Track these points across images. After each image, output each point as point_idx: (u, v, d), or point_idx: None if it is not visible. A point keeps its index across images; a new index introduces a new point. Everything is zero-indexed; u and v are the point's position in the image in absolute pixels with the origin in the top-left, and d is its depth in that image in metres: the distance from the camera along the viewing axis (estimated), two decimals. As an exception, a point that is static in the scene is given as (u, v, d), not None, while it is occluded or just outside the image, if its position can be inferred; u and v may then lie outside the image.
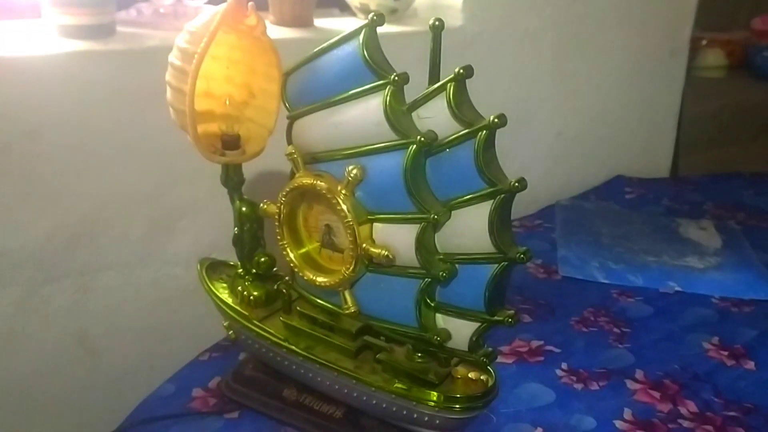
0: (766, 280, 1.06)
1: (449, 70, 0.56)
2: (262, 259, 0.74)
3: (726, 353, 0.87)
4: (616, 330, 0.92)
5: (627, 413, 0.76)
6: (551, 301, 0.99)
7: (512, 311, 0.59)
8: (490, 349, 0.62)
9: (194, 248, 0.92)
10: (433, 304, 0.61)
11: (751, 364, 0.85)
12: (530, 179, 0.56)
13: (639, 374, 0.83)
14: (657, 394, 0.79)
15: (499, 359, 0.84)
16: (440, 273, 0.58)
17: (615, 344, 0.89)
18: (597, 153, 1.45)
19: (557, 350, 0.87)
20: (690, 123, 1.65)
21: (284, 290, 0.71)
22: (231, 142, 0.68)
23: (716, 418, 0.75)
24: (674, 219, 1.30)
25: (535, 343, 0.89)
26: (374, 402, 0.66)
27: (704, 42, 1.99)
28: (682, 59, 1.51)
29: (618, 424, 0.74)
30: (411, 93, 0.58)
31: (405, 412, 0.64)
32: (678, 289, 1.03)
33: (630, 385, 0.81)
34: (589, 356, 0.86)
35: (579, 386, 0.80)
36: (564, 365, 0.84)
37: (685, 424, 0.74)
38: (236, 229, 0.73)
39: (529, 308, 0.97)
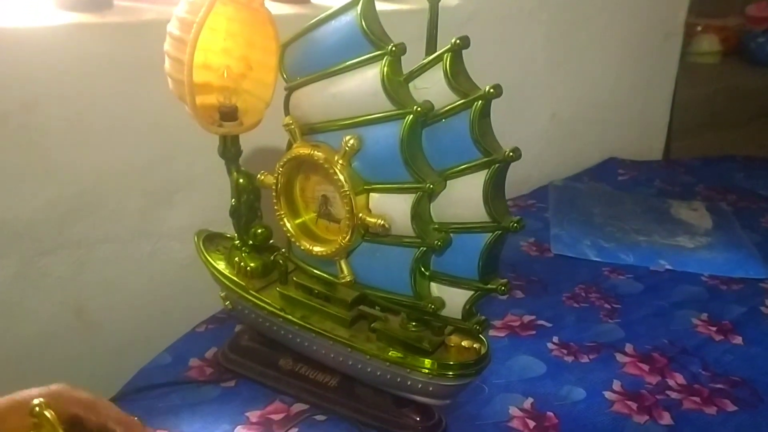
0: (755, 260, 1.07)
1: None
2: (259, 231, 0.74)
3: (714, 329, 0.89)
4: (606, 306, 0.94)
5: (616, 384, 0.77)
6: (543, 278, 1.01)
7: (505, 280, 0.60)
8: (482, 317, 0.63)
9: (191, 222, 0.92)
10: (427, 273, 0.62)
11: (738, 339, 0.87)
12: (524, 160, 0.57)
13: (628, 348, 0.84)
14: (646, 367, 0.81)
15: (492, 333, 0.86)
16: (435, 242, 0.59)
17: (605, 319, 0.91)
18: (591, 135, 1.46)
19: (549, 324, 0.89)
20: (683, 107, 1.67)
21: (281, 261, 0.72)
22: (228, 114, 0.69)
23: (703, 389, 0.77)
24: (666, 200, 1.31)
25: (527, 318, 0.90)
26: (369, 370, 0.67)
27: (699, 28, 2.00)
28: (676, 44, 1.52)
29: (607, 394, 0.76)
30: (408, 68, 0.59)
31: (399, 380, 0.65)
32: (668, 267, 1.05)
33: (619, 358, 0.82)
34: (580, 330, 0.88)
35: (569, 359, 0.82)
36: (555, 339, 0.86)
37: (673, 395, 0.76)
38: (233, 200, 0.73)
39: (522, 284, 0.99)
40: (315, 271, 0.69)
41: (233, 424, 0.69)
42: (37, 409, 0.31)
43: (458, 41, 0.55)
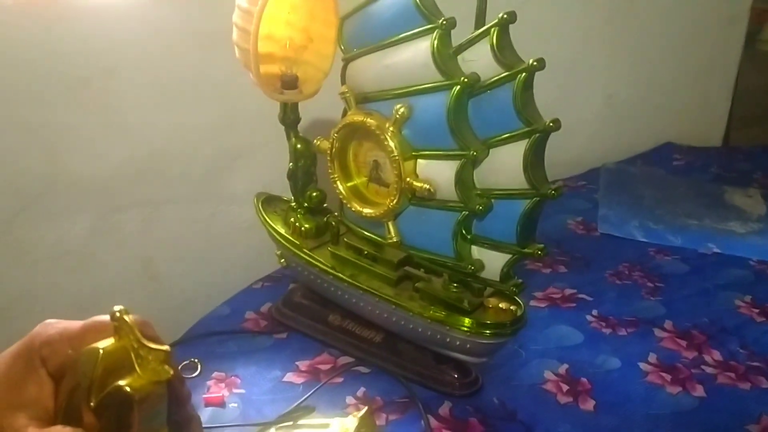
0: (806, 247, 1.06)
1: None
2: (314, 194, 0.79)
3: (757, 311, 0.89)
4: (649, 284, 0.95)
5: (652, 357, 0.79)
6: (588, 255, 1.03)
7: (542, 245, 0.63)
8: (519, 280, 0.66)
9: (250, 187, 0.97)
10: (469, 237, 0.65)
11: (781, 322, 0.87)
12: (577, 141, 0.59)
13: (668, 324, 0.86)
14: (683, 343, 0.82)
15: (533, 303, 0.89)
16: (477, 207, 0.63)
17: (647, 297, 0.92)
18: (647, 118, 1.46)
19: (589, 298, 0.91)
20: (748, 95, 1.64)
21: (333, 223, 0.77)
22: (289, 83, 0.74)
23: (739, 366, 0.78)
24: (721, 186, 1.30)
25: (568, 291, 0.93)
26: (411, 326, 0.71)
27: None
28: (740, 27, 1.49)
29: (642, 365, 0.78)
30: (458, 42, 0.62)
31: (439, 337, 0.69)
32: (716, 250, 1.05)
33: (658, 333, 0.84)
34: (620, 306, 0.90)
35: (607, 331, 0.84)
36: (594, 312, 0.88)
37: (708, 370, 0.78)
38: (291, 164, 0.78)
39: (566, 260, 1.01)
40: (364, 232, 0.73)
41: (284, 371, 0.75)
42: (117, 314, 0.37)
43: (505, 16, 0.58)
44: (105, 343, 0.37)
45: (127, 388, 0.35)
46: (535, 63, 0.57)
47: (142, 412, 0.36)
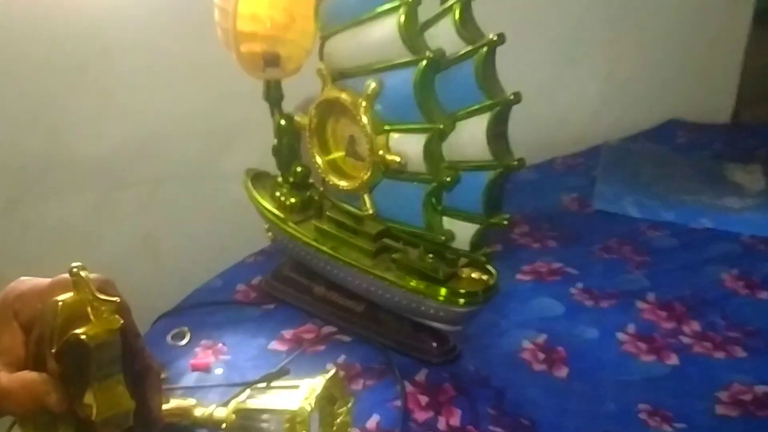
0: (801, 222, 1.06)
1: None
2: (299, 169, 0.82)
3: (742, 283, 0.90)
4: (637, 258, 0.97)
5: (630, 327, 0.81)
6: (579, 231, 1.04)
7: (507, 215, 0.65)
8: (489, 249, 0.69)
9: (246, 165, 1.01)
10: (439, 208, 0.68)
11: (764, 294, 0.88)
12: (577, 119, 0.60)
13: (650, 296, 0.87)
14: (663, 314, 0.84)
15: (518, 277, 0.91)
16: (445, 178, 0.65)
17: (633, 270, 0.94)
18: (649, 96, 1.45)
19: (575, 272, 0.93)
20: (761, 72, 1.62)
21: (316, 197, 0.80)
22: (271, 61, 0.76)
23: (716, 337, 0.80)
24: (722, 163, 1.30)
25: (555, 265, 0.94)
26: (389, 296, 0.74)
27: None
28: (748, 2, 1.47)
29: (619, 335, 0.80)
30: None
31: (415, 305, 0.72)
32: (709, 226, 1.06)
33: (639, 305, 0.85)
34: (605, 279, 0.91)
35: (589, 303, 0.86)
36: (579, 285, 0.90)
37: (685, 340, 0.79)
38: (275, 141, 0.81)
39: (556, 235, 1.03)
40: (344, 205, 0.76)
41: (269, 339, 0.78)
42: (75, 270, 0.40)
43: (465, -9, 0.60)
44: (65, 297, 0.40)
45: (83, 336, 0.38)
46: (494, 38, 0.59)
47: (96, 358, 0.39)
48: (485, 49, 0.60)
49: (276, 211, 0.82)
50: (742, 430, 0.66)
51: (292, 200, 0.82)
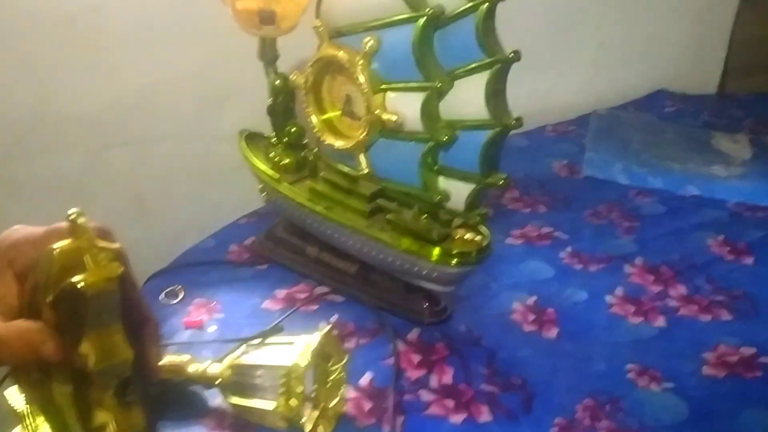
0: (786, 191, 1.08)
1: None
2: (293, 129, 0.82)
3: (728, 249, 0.92)
4: (626, 224, 0.98)
5: (619, 290, 0.82)
6: (569, 196, 1.05)
7: (505, 175, 0.65)
8: (483, 210, 0.69)
9: (240, 126, 1.00)
10: (435, 167, 0.68)
11: (750, 260, 0.89)
12: (569, 88, 0.60)
13: (638, 260, 0.88)
14: (651, 278, 0.85)
15: (509, 240, 0.92)
16: (442, 137, 0.65)
17: (622, 235, 0.95)
18: (640, 65, 1.45)
19: (565, 236, 0.94)
20: (747, 44, 1.62)
21: (311, 158, 0.80)
22: (267, 18, 0.75)
23: (703, 300, 0.81)
24: (709, 132, 1.31)
25: (545, 230, 0.95)
26: (382, 257, 0.74)
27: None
28: (738, -26, 1.47)
29: (608, 298, 0.81)
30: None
31: (408, 266, 0.72)
32: (696, 193, 1.07)
33: (627, 269, 0.87)
34: (595, 243, 0.92)
35: (579, 267, 0.87)
36: (569, 248, 0.90)
37: (672, 303, 0.80)
38: (270, 100, 0.80)
39: (547, 200, 1.03)
40: (339, 165, 0.76)
41: (263, 299, 0.79)
42: (72, 216, 0.39)
43: (467, -53, 0.59)
44: (61, 244, 0.39)
45: (80, 284, 0.38)
46: (495, -6, 0.59)
47: (93, 306, 0.39)
48: (486, 5, 0.59)
49: (270, 172, 0.82)
50: (729, 389, 0.67)
51: (287, 160, 0.82)
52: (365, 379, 0.67)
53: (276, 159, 0.82)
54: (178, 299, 0.78)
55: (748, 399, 0.66)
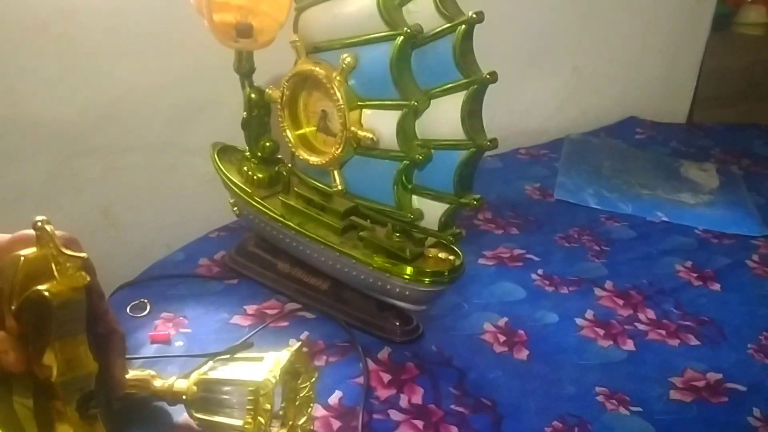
0: (752, 218, 1.10)
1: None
2: (267, 144, 0.81)
3: (695, 275, 0.93)
4: (596, 247, 0.98)
5: (589, 313, 0.83)
6: (540, 219, 1.06)
7: (478, 195, 0.65)
8: (457, 230, 0.69)
9: (212, 139, 0.99)
10: (409, 186, 0.67)
11: (717, 286, 0.90)
12: (542, 112, 0.60)
13: (608, 284, 0.89)
14: (621, 302, 0.85)
15: (481, 261, 0.92)
16: (417, 156, 0.65)
17: (592, 259, 0.95)
18: (612, 92, 1.48)
19: (537, 258, 0.94)
20: (719, 75, 1.67)
21: (284, 173, 0.79)
22: (244, 31, 0.75)
23: (671, 325, 0.82)
24: (678, 160, 1.34)
25: (517, 252, 0.95)
26: (354, 274, 0.73)
27: (749, -1, 1.98)
28: (709, 5, 1.51)
29: (578, 321, 0.81)
30: None
31: (380, 284, 0.72)
32: (665, 219, 1.08)
33: (597, 292, 0.87)
34: (566, 266, 0.93)
35: (550, 289, 0.87)
36: (540, 271, 0.91)
37: (641, 327, 0.81)
38: (245, 114, 0.80)
39: (519, 222, 1.04)
40: (313, 181, 0.75)
41: (231, 314, 0.77)
42: (39, 223, 0.38)
43: (446, -32, 0.60)
44: (27, 251, 0.38)
45: (46, 293, 0.37)
46: (474, 15, 0.59)
47: (59, 316, 0.37)
48: (464, 26, 0.60)
49: (243, 186, 0.81)
50: (695, 414, 0.67)
51: (260, 175, 0.81)
52: (334, 398, 0.66)
53: (249, 173, 0.81)
54: (145, 312, 0.76)
55: (713, 424, 0.67)
